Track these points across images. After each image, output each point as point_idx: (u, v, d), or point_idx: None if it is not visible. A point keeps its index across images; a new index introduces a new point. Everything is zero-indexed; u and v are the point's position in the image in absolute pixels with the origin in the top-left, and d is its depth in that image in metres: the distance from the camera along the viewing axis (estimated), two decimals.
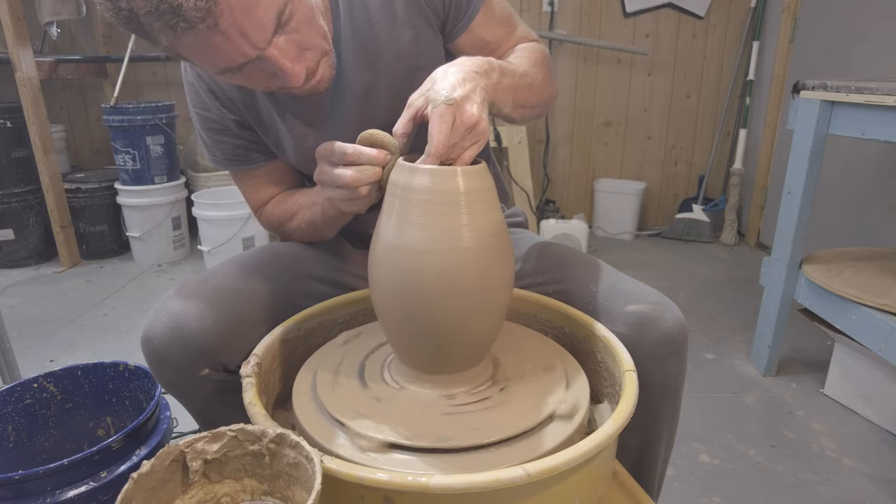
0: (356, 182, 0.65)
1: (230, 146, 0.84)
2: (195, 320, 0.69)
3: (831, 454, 1.36)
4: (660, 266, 2.63)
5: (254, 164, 0.87)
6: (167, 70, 2.95)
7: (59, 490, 0.76)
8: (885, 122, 1.25)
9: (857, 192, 2.12)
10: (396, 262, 0.57)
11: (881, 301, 1.31)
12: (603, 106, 3.03)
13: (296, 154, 0.83)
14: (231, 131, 0.83)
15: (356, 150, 0.65)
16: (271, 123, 0.82)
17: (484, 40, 0.83)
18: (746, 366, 1.76)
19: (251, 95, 0.80)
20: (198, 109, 0.83)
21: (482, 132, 0.60)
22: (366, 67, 0.78)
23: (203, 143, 0.87)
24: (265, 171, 0.88)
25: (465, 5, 0.80)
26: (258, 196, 0.90)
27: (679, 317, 0.72)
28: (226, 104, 0.82)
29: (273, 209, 0.89)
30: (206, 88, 0.81)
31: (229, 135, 0.84)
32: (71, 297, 2.25)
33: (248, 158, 0.86)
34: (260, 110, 0.82)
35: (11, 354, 1.37)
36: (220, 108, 0.82)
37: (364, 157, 0.65)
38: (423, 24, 0.79)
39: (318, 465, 0.45)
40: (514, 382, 0.63)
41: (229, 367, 0.72)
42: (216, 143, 0.85)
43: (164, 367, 0.70)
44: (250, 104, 0.81)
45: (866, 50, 2.12)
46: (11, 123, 2.43)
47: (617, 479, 0.65)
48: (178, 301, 0.71)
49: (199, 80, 0.81)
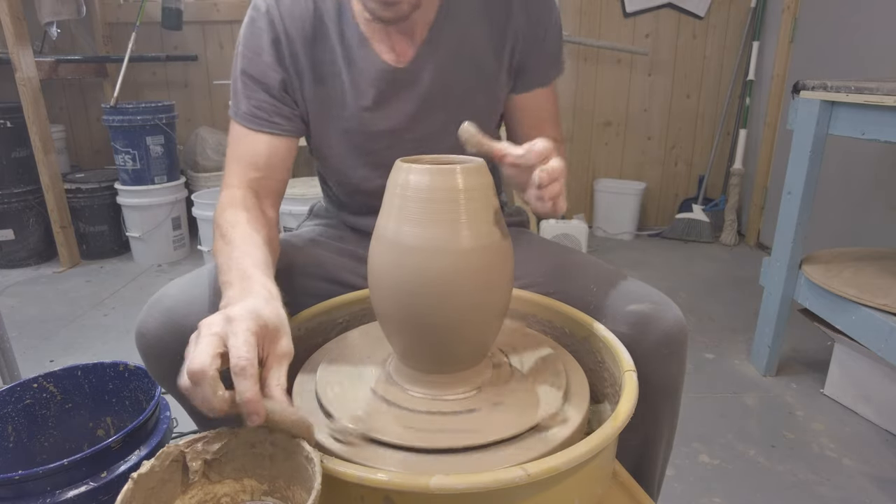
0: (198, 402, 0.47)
1: (259, 101, 0.81)
2: (188, 314, 0.69)
3: (831, 454, 1.36)
4: (660, 266, 2.63)
5: (271, 129, 0.81)
6: (167, 70, 2.95)
7: (59, 490, 0.76)
8: (885, 122, 1.25)
9: (857, 192, 2.12)
10: (396, 261, 0.57)
11: (881, 301, 1.31)
12: (603, 106, 3.03)
13: (342, 122, 0.82)
14: (270, 88, 0.80)
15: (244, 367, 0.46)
16: (334, 86, 0.81)
17: (533, 110, 0.89)
18: (746, 366, 1.76)
19: (324, 50, 0.80)
20: (248, 52, 0.80)
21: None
22: (455, 76, 0.83)
23: (233, 89, 0.83)
24: (272, 144, 0.82)
25: (543, 71, 0.87)
26: (239, 172, 0.80)
27: (679, 316, 0.72)
28: (284, 59, 0.79)
29: (231, 214, 0.75)
30: (272, 37, 0.79)
31: (265, 90, 0.80)
32: (71, 297, 2.25)
33: (271, 121, 0.81)
34: (324, 73, 0.81)
35: (11, 354, 1.37)
36: (275, 61, 0.79)
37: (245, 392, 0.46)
38: (504, 71, 0.85)
39: (318, 465, 0.45)
40: (513, 383, 0.63)
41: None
42: (248, 91, 0.80)
43: (157, 361, 0.70)
44: (318, 63, 0.80)
45: (866, 50, 2.12)
46: (11, 123, 2.43)
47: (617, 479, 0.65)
48: (171, 295, 0.71)
49: (270, 26, 0.79)
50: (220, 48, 2.92)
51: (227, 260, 0.65)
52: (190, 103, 2.99)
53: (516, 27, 0.83)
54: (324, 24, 0.80)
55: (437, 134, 0.84)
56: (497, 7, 0.82)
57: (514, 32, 0.83)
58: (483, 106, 0.87)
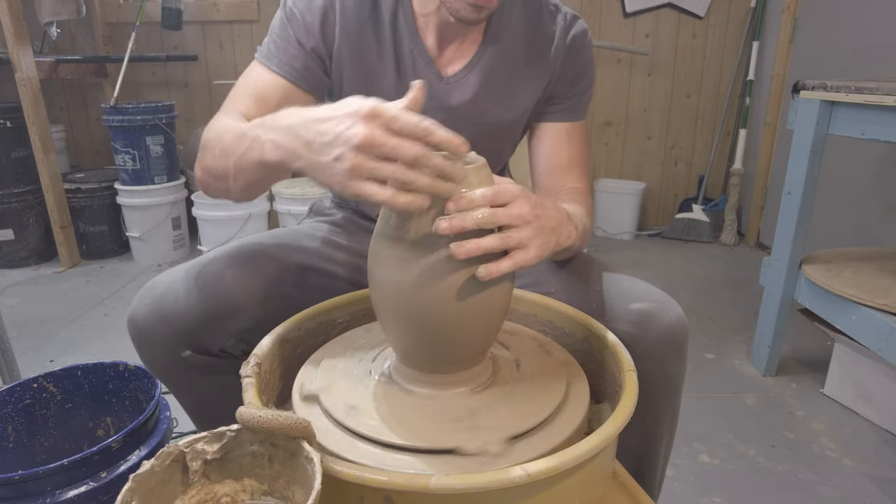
0: (417, 185, 0.49)
1: (293, 51, 0.80)
2: (177, 301, 0.70)
3: (831, 454, 1.36)
4: (660, 266, 2.63)
5: (294, 78, 0.80)
6: (167, 70, 2.95)
7: (58, 490, 0.76)
8: (885, 122, 1.25)
9: (857, 192, 2.12)
10: (395, 260, 0.57)
11: (881, 301, 1.31)
12: (603, 106, 3.03)
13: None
14: (305, 47, 0.80)
15: (452, 141, 0.49)
16: (376, 73, 0.82)
17: (557, 145, 0.91)
18: (746, 366, 1.76)
19: (373, 36, 0.81)
20: (298, 4, 0.80)
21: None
22: (488, 97, 0.86)
23: (270, 32, 0.82)
24: (289, 91, 0.80)
25: (572, 104, 0.91)
26: (243, 103, 0.78)
27: (681, 315, 0.72)
28: (329, 32, 0.80)
29: (225, 119, 0.74)
30: (324, 5, 0.79)
31: (301, 45, 0.80)
32: (71, 297, 2.25)
33: (296, 69, 0.80)
34: (368, 58, 0.81)
35: (11, 354, 1.37)
36: (319, 30, 0.80)
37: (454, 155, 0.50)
38: (535, 103, 0.89)
39: (317, 465, 0.45)
40: (513, 383, 0.63)
41: (211, 350, 0.72)
42: (284, 38, 0.80)
43: (147, 347, 0.71)
44: (364, 48, 0.81)
45: (866, 50, 2.11)
46: (11, 123, 2.43)
47: (617, 479, 0.65)
48: (161, 283, 0.72)
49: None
50: (220, 48, 2.92)
51: (234, 130, 0.65)
52: (190, 103, 2.99)
53: (555, 64, 0.88)
54: (378, 10, 0.82)
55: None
56: (542, 42, 0.87)
57: (553, 69, 0.88)
58: (507, 122, 0.89)
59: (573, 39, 0.88)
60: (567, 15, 0.89)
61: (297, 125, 0.55)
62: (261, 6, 2.84)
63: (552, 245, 0.60)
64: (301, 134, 0.54)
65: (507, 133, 0.92)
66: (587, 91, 0.92)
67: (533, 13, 0.87)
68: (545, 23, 0.87)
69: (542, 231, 0.57)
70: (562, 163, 0.90)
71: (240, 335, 0.73)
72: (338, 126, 0.50)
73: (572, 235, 0.66)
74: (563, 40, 0.87)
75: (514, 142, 0.96)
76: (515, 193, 0.55)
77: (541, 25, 0.87)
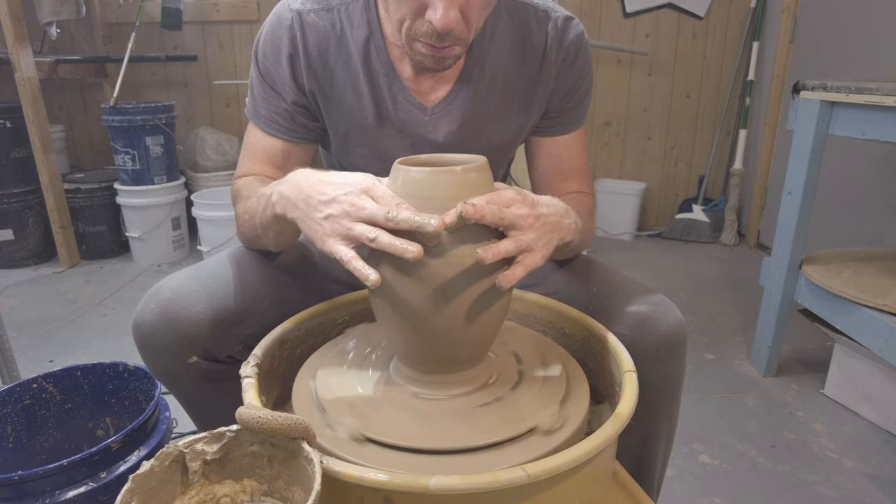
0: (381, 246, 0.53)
1: (278, 108, 0.81)
2: (185, 307, 0.69)
3: (831, 454, 1.36)
4: (660, 266, 2.63)
5: (289, 136, 0.82)
6: (167, 70, 2.95)
7: (58, 490, 0.76)
8: (885, 122, 1.25)
9: (857, 192, 2.12)
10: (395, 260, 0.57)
11: (881, 301, 1.31)
12: (603, 106, 3.03)
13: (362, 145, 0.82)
14: (286, 100, 0.80)
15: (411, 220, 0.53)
16: (356, 110, 0.80)
17: (556, 160, 0.88)
18: (746, 366, 1.76)
19: (345, 73, 0.79)
20: (267, 58, 0.79)
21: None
22: (480, 119, 0.82)
23: (251, 89, 0.82)
24: (290, 148, 0.83)
25: (570, 117, 0.87)
26: (256, 167, 0.83)
27: (679, 317, 0.72)
28: (300, 77, 0.78)
29: (246, 182, 0.80)
30: (290, 52, 0.77)
31: (282, 99, 0.80)
32: (70, 297, 2.25)
33: (289, 128, 0.81)
34: (344, 96, 0.80)
35: (11, 355, 1.37)
36: (291, 78, 0.79)
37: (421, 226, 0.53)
38: (529, 119, 0.85)
39: (317, 465, 0.45)
40: (513, 384, 0.63)
41: (218, 356, 0.72)
42: (266, 97, 0.81)
43: (153, 352, 0.70)
44: (338, 86, 0.80)
45: (866, 50, 2.12)
46: (11, 123, 2.43)
47: (617, 480, 0.65)
48: (168, 288, 0.71)
49: (290, 41, 0.77)
50: (219, 48, 2.92)
51: (256, 194, 0.71)
52: (190, 103, 2.99)
53: (548, 79, 0.83)
54: (346, 48, 0.78)
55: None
56: (532, 57, 0.81)
57: (545, 85, 0.83)
58: (500, 145, 0.86)
59: (567, 50, 0.82)
60: (558, 21, 0.81)
61: (304, 181, 0.61)
62: (261, 6, 2.84)
63: (555, 241, 0.61)
64: (304, 189, 0.60)
65: (502, 153, 0.88)
66: (585, 99, 0.88)
67: (520, 24, 0.81)
68: (534, 34, 0.81)
69: (545, 230, 0.59)
70: (563, 173, 0.89)
71: (247, 341, 0.73)
72: (337, 190, 0.57)
73: (573, 228, 0.66)
74: (555, 52, 0.81)
75: (510, 157, 0.94)
76: (512, 198, 0.57)
77: (529, 37, 0.81)
